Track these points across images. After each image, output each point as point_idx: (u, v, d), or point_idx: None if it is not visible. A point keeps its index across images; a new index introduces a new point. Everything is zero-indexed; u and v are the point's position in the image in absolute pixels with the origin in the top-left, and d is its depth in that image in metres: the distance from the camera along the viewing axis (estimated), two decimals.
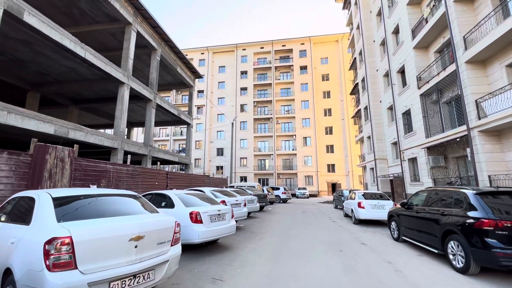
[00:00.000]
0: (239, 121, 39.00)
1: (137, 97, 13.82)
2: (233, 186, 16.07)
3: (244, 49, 42.09)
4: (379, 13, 19.92)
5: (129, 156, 9.49)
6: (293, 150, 37.13)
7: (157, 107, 15.13)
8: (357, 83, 25.90)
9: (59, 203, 2.77)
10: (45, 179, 5.76)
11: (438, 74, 11.73)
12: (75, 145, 6.61)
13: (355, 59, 26.19)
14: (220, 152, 39.67)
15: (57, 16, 11.91)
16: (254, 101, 39.71)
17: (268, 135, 38.09)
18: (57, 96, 14.85)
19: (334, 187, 35.59)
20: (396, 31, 16.82)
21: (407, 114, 15.50)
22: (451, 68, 10.83)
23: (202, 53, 43.43)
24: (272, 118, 38.38)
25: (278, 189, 22.13)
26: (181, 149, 41.10)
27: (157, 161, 13.63)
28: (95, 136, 10.25)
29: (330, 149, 36.97)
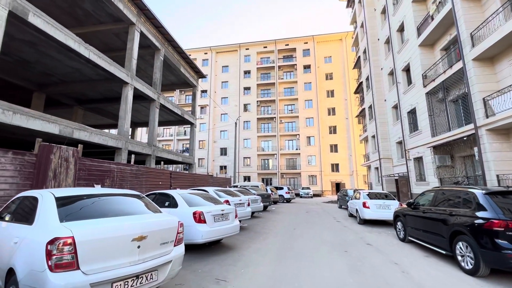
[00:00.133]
0: (243, 121, 38.97)
1: (141, 97, 13.87)
2: (236, 186, 16.04)
3: (247, 49, 42.04)
4: (384, 11, 19.71)
5: (132, 156, 9.51)
6: (296, 149, 37.00)
7: (160, 107, 15.18)
8: (361, 82, 25.69)
9: (62, 202, 2.75)
10: (50, 179, 5.79)
11: (444, 72, 11.55)
12: (79, 145, 6.64)
13: (359, 57, 25.96)
14: (224, 151, 39.70)
15: (61, 17, 12.00)
16: (257, 101, 39.65)
17: (272, 134, 38.00)
18: (62, 96, 14.98)
19: (338, 186, 35.38)
20: (401, 29, 16.61)
21: (412, 113, 15.30)
22: (458, 66, 10.64)
23: (205, 53, 43.49)
24: (275, 117, 38.27)
25: (281, 188, 22.09)
26: (184, 149, 41.23)
27: (160, 160, 13.67)
28: (99, 136, 10.30)
29: (334, 148, 36.76)
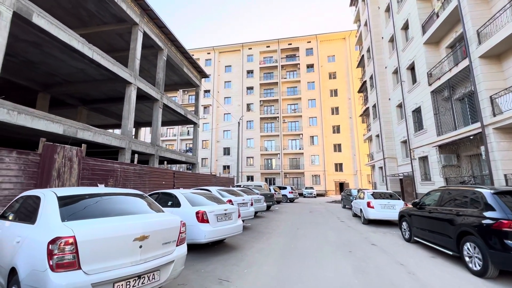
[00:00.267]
0: (246, 121, 38.95)
1: (144, 97, 13.92)
2: (239, 186, 16.02)
3: (250, 48, 41.99)
4: (388, 9, 19.52)
5: (136, 156, 9.54)
6: (300, 149, 36.86)
7: (164, 107, 15.21)
8: (365, 81, 25.47)
9: (64, 202, 2.74)
10: (54, 178, 5.82)
11: (450, 70, 11.38)
12: (82, 144, 6.66)
13: (362, 56, 25.75)
14: (227, 151, 39.72)
15: (65, 18, 12.08)
16: (260, 100, 39.59)
17: (275, 134, 37.92)
18: (66, 96, 15.10)
19: (342, 186, 35.18)
20: (406, 27, 16.42)
21: (417, 111, 15.12)
22: (463, 64, 10.48)
23: (208, 53, 43.55)
24: (278, 117, 38.18)
25: (285, 188, 21.98)
26: (188, 148, 41.35)
27: (164, 160, 13.68)
28: (103, 136, 10.35)
29: (337, 148, 36.55)
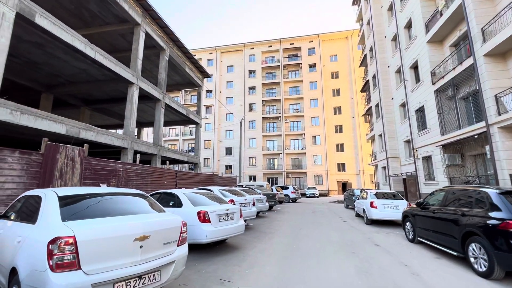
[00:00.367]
0: (248, 120, 38.93)
1: (147, 97, 13.94)
2: (242, 185, 15.99)
3: (252, 48, 41.96)
4: (391, 7, 19.38)
5: (138, 156, 9.55)
6: (302, 149, 36.75)
7: (166, 107, 15.23)
8: (367, 80, 25.33)
9: (65, 202, 2.73)
10: (56, 178, 5.83)
11: (454, 68, 11.26)
12: (85, 144, 6.68)
13: (365, 55, 25.60)
14: (229, 151, 39.73)
15: (68, 19, 12.14)
16: (262, 100, 39.54)
17: (277, 134, 37.85)
18: (69, 97, 15.17)
19: (344, 186, 35.02)
20: (409, 26, 16.29)
21: (420, 111, 15.00)
22: (468, 62, 10.36)
23: (210, 53, 43.59)
24: (280, 117, 38.10)
25: (287, 188, 21.93)
26: (190, 148, 41.42)
27: (166, 160, 13.70)
28: (105, 136, 10.38)
29: (340, 147, 36.40)
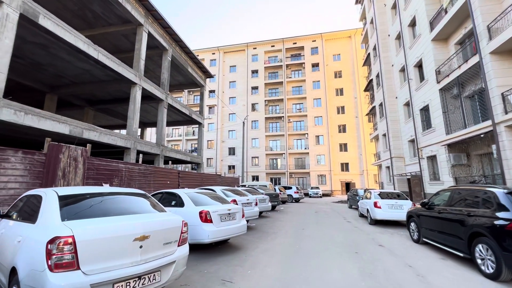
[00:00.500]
0: (251, 120, 38.90)
1: (149, 97, 13.98)
2: (244, 185, 15.96)
3: (255, 48, 41.91)
4: (394, 6, 19.18)
5: (140, 156, 9.57)
6: (305, 149, 36.61)
7: (168, 107, 15.26)
8: (371, 79, 25.13)
9: (65, 201, 2.72)
10: (59, 178, 5.85)
11: (459, 67, 11.09)
12: (87, 144, 6.70)
13: (369, 54, 25.40)
14: (232, 151, 39.73)
15: (72, 20, 12.23)
16: (265, 100, 39.47)
17: (280, 134, 37.75)
18: (73, 97, 15.29)
19: (348, 186, 34.80)
20: (413, 24, 16.11)
21: (425, 110, 14.81)
22: (474, 60, 10.18)
23: (213, 53, 43.64)
24: (283, 116, 37.99)
25: (290, 188, 21.84)
26: (193, 149, 41.54)
27: (169, 160, 13.75)
28: (108, 136, 10.42)
29: (343, 147, 36.18)
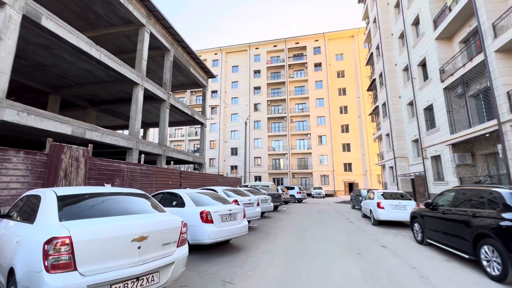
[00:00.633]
0: (253, 121, 38.86)
1: (152, 97, 14.01)
2: (247, 186, 15.93)
3: (257, 48, 41.89)
4: (397, 4, 19.05)
5: (142, 156, 9.58)
6: (308, 149, 36.48)
7: (171, 107, 15.28)
8: (374, 79, 24.97)
9: (63, 202, 2.70)
10: (61, 178, 5.86)
11: (463, 65, 10.95)
12: (89, 144, 6.71)
13: (371, 54, 25.23)
14: (234, 151, 39.73)
15: (75, 21, 12.30)
16: (267, 100, 39.42)
17: (282, 134, 37.66)
18: (76, 98, 15.38)
19: (351, 186, 34.59)
20: (416, 23, 15.96)
21: (429, 109, 14.66)
22: (478, 59, 10.05)
23: (215, 54, 43.70)
24: (286, 116, 37.91)
25: (293, 188, 21.76)
26: (196, 149, 41.61)
27: (171, 160, 13.73)
28: (110, 137, 10.45)
29: (346, 147, 35.98)
